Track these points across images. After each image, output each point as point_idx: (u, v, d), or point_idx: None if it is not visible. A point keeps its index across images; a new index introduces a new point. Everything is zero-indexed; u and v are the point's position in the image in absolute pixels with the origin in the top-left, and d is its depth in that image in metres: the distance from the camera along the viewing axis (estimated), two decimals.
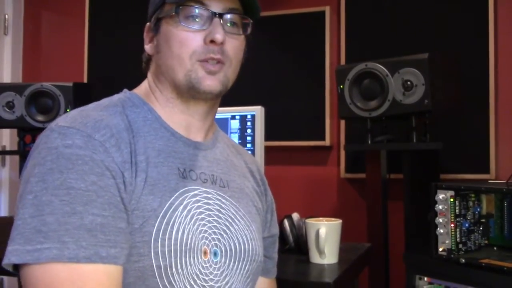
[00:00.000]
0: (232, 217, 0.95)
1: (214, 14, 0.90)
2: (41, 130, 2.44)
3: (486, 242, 1.31)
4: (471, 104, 2.22)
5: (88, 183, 0.77)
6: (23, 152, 2.50)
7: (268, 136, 1.90)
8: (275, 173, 2.38)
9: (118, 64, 2.81)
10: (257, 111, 1.83)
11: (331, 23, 2.49)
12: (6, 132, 2.97)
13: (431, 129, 2.03)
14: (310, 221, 1.56)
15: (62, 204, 0.74)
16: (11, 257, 0.73)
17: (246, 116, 1.86)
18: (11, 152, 2.87)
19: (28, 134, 2.50)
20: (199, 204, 0.90)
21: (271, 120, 1.97)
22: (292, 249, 1.68)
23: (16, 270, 0.76)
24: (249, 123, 1.86)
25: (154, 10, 0.95)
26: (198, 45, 0.90)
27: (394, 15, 2.37)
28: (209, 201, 0.92)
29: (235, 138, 1.86)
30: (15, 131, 2.59)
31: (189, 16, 0.90)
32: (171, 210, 0.85)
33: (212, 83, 0.91)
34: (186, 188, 0.89)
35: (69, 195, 0.75)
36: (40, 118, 2.40)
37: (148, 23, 0.96)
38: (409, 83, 1.89)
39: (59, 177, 0.76)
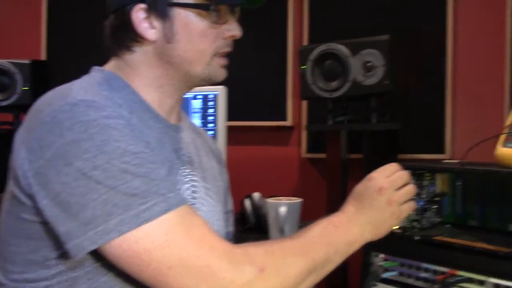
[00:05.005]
0: (203, 197, 0.97)
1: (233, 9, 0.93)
2: None
3: (440, 219, 1.35)
4: (430, 85, 2.27)
5: (143, 146, 0.80)
6: None
7: (230, 116, 1.90)
8: (237, 153, 2.38)
9: (79, 40, 2.74)
10: (220, 91, 1.83)
11: (294, 3, 2.49)
12: None
13: (391, 110, 2.07)
14: (271, 200, 1.57)
15: (137, 167, 0.77)
16: (121, 228, 0.74)
17: (208, 96, 1.85)
18: None
19: None
20: (186, 185, 0.94)
21: (233, 100, 1.96)
22: (253, 228, 1.70)
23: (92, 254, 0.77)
24: (211, 103, 1.85)
25: None
26: (220, 40, 0.92)
27: None
28: (194, 183, 0.96)
29: (197, 118, 1.85)
30: None
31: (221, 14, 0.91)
32: None
33: (224, 75, 0.97)
34: (182, 169, 0.94)
35: (139, 159, 0.77)
36: None
37: (143, 5, 0.89)
38: (369, 64, 1.92)
39: (118, 145, 0.76)
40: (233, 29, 0.93)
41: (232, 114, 1.96)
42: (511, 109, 1.18)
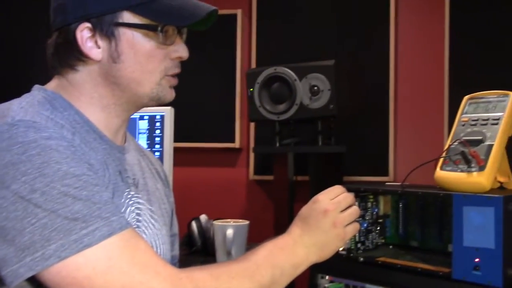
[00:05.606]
0: (148, 220, 0.96)
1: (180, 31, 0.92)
2: None
3: (383, 241, 1.38)
4: (373, 110, 2.34)
5: (86, 169, 0.78)
6: None
7: (177, 138, 1.88)
8: (185, 175, 2.37)
9: (20, 57, 2.67)
10: (167, 111, 1.81)
11: (243, 27, 2.52)
12: None
13: (336, 133, 2.12)
14: (218, 222, 1.56)
15: (79, 190, 0.74)
16: (60, 254, 0.70)
17: (155, 116, 1.83)
18: None
19: None
20: (131, 208, 0.92)
21: (181, 121, 1.95)
22: (199, 251, 1.68)
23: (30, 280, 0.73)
24: (158, 124, 1.83)
25: (104, 11, 0.86)
26: (168, 61, 0.91)
27: (305, 21, 2.44)
28: (138, 206, 0.94)
29: (143, 139, 1.83)
30: None
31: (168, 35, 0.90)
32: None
33: (173, 95, 0.96)
34: (126, 191, 0.91)
35: (80, 181, 0.75)
36: None
37: (88, 23, 0.87)
38: (315, 88, 1.96)
39: (59, 167, 0.74)
40: (180, 50, 0.92)
41: (179, 135, 1.95)
42: (450, 134, 1.23)
